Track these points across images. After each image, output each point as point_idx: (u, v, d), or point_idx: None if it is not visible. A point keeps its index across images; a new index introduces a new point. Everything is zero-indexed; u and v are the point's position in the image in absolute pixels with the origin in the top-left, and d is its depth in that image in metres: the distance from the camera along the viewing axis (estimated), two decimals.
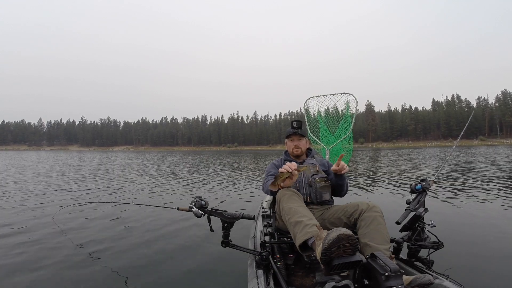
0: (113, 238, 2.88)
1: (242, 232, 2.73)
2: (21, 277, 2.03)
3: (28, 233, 3.06)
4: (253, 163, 16.17)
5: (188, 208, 1.70)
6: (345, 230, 1.10)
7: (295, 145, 1.96)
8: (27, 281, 1.98)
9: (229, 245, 1.62)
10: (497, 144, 54.45)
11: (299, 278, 1.47)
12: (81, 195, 5.54)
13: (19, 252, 2.51)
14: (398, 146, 67.14)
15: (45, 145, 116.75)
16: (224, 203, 4.78)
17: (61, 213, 3.75)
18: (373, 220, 1.44)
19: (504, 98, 74.05)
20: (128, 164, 15.60)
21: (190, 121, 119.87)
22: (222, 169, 12.05)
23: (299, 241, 1.33)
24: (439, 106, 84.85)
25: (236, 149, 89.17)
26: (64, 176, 9.30)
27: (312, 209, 1.75)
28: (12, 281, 1.99)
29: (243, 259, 1.89)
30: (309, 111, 4.24)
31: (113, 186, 6.93)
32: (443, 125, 77.85)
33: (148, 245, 2.69)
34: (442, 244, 1.61)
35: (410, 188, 1.86)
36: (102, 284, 1.96)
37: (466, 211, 3.86)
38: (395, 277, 1.01)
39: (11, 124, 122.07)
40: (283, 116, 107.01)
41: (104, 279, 2.02)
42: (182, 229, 3.17)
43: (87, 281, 1.99)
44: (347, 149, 4.23)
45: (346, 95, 3.80)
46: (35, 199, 5.10)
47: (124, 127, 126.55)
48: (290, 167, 1.47)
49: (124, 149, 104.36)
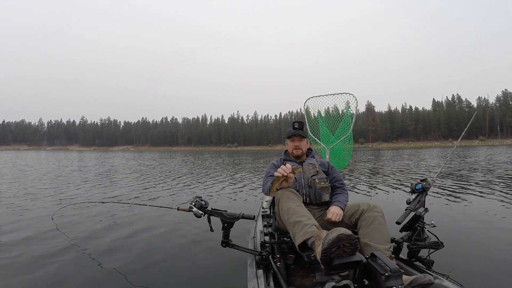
0: (112, 238, 2.88)
1: (242, 232, 2.73)
2: (21, 277, 2.03)
3: (28, 233, 3.05)
4: (253, 163, 16.17)
5: (188, 208, 1.70)
6: (345, 230, 1.10)
7: (296, 146, 1.96)
8: (27, 281, 1.98)
9: (229, 245, 1.62)
10: (497, 144, 54.42)
11: (299, 278, 1.47)
12: (81, 195, 5.54)
13: (19, 252, 2.51)
14: (398, 147, 67.12)
15: (46, 145, 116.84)
16: (224, 203, 4.78)
17: (60, 213, 3.76)
18: (374, 220, 1.44)
19: (504, 98, 73.99)
20: (128, 164, 15.60)
21: (190, 121, 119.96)
22: (222, 169, 12.05)
23: (299, 241, 1.33)
24: (440, 106, 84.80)
25: (236, 149, 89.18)
26: (64, 176, 9.31)
27: (312, 210, 1.75)
28: (11, 281, 1.99)
29: (243, 259, 1.89)
30: (309, 111, 4.23)
31: (113, 186, 6.93)
32: (443, 125, 77.80)
33: (148, 245, 2.68)
34: (442, 244, 1.61)
35: (410, 188, 1.86)
36: (102, 284, 1.96)
37: (466, 211, 3.86)
38: (395, 277, 1.01)
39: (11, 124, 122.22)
40: (283, 116, 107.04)
41: (104, 279, 2.02)
42: (182, 229, 3.16)
43: (86, 281, 1.99)
44: (347, 149, 4.22)
45: (346, 95, 3.79)
46: (35, 198, 5.10)
47: (124, 127, 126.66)
48: (285, 170, 1.47)
49: (124, 149, 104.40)
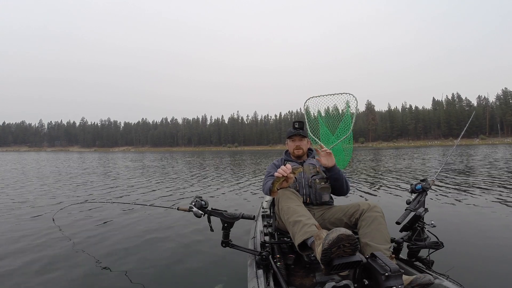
0: (112, 238, 2.88)
1: (242, 232, 2.73)
2: (21, 278, 2.04)
3: (28, 233, 3.05)
4: (253, 163, 16.17)
5: (188, 208, 1.70)
6: (345, 230, 1.10)
7: (296, 146, 1.96)
8: (27, 281, 1.98)
9: (229, 245, 1.62)
10: (497, 143, 54.33)
11: (299, 278, 1.47)
12: (81, 195, 5.55)
13: (19, 252, 2.52)
14: (399, 146, 67.07)
15: (46, 146, 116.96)
16: (224, 203, 4.78)
17: (61, 213, 3.76)
18: (374, 220, 1.45)
19: (504, 97, 73.98)
20: (128, 165, 15.61)
21: (190, 121, 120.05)
22: (222, 169, 12.05)
23: (298, 240, 1.33)
24: (440, 105, 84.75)
25: (236, 149, 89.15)
26: (64, 176, 9.31)
27: (312, 210, 1.76)
28: (12, 281, 1.99)
29: (243, 259, 1.89)
30: (309, 111, 4.23)
31: (113, 186, 6.93)
32: (443, 124, 77.77)
33: (148, 245, 2.69)
34: (442, 244, 1.60)
35: (410, 188, 1.86)
36: (101, 283, 1.96)
37: (466, 211, 3.86)
38: (395, 277, 1.01)
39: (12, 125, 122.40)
40: (283, 116, 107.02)
41: (103, 279, 2.02)
42: (182, 229, 3.17)
43: (86, 281, 1.99)
44: (347, 149, 4.22)
45: (346, 95, 3.79)
46: (35, 198, 5.10)
47: (125, 128, 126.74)
48: (285, 171, 1.47)
49: (125, 149, 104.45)
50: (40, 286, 1.94)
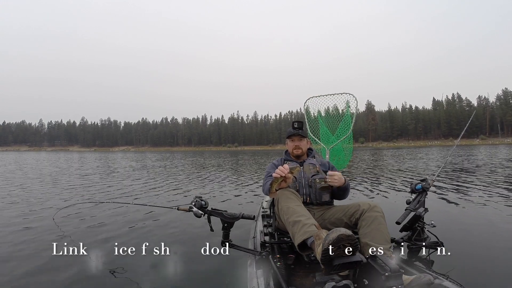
0: (112, 238, 2.88)
1: (242, 232, 2.73)
2: (21, 278, 2.04)
3: (27, 233, 3.06)
4: (253, 162, 16.16)
5: (188, 208, 1.70)
6: (345, 230, 1.10)
7: (296, 146, 1.96)
8: (27, 281, 1.98)
9: (229, 245, 1.63)
10: (498, 143, 54.34)
11: (299, 278, 1.47)
12: (81, 195, 5.55)
13: (18, 252, 2.51)
14: (399, 146, 67.06)
15: (46, 145, 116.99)
16: (224, 203, 4.78)
17: (61, 213, 3.76)
18: (374, 220, 1.45)
19: (505, 97, 73.97)
20: (128, 165, 15.61)
21: (190, 121, 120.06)
22: (222, 169, 12.05)
23: (298, 240, 1.33)
24: (440, 106, 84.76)
25: (236, 149, 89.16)
26: (64, 176, 9.31)
27: (312, 210, 1.75)
28: (12, 281, 1.99)
29: (243, 259, 1.89)
30: (309, 111, 4.23)
31: (113, 186, 6.93)
32: (443, 124, 77.76)
33: (148, 245, 2.69)
34: (442, 244, 1.61)
35: (410, 188, 1.86)
36: (101, 283, 1.96)
37: (466, 211, 3.85)
38: (395, 277, 1.01)
39: (12, 125, 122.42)
40: (283, 116, 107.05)
41: (103, 279, 2.02)
42: (182, 229, 3.16)
43: (86, 281, 1.99)
44: (347, 149, 4.23)
45: (346, 95, 3.79)
46: (35, 199, 5.10)
47: (125, 127, 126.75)
48: (283, 171, 1.47)
49: (125, 149, 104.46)
50: (40, 286, 1.94)
